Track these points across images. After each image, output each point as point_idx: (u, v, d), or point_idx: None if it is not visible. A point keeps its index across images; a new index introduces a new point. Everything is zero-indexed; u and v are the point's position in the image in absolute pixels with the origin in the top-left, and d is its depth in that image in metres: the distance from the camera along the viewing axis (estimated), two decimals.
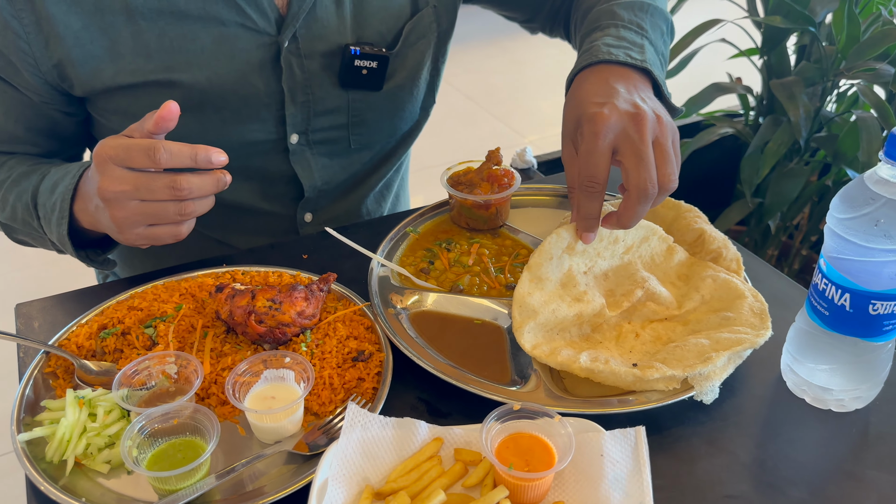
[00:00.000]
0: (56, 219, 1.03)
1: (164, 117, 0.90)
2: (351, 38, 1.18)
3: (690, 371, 0.88)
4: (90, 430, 0.84)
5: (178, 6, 1.06)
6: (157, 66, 1.08)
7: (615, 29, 1.08)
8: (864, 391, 0.91)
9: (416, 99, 1.30)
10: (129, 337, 0.96)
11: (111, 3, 1.04)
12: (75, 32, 1.04)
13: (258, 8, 1.10)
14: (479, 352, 0.97)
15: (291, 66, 1.14)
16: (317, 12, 1.13)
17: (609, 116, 0.90)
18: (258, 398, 0.86)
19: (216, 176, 0.93)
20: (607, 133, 0.90)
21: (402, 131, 1.33)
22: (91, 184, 0.96)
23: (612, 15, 1.11)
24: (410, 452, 0.81)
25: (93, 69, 1.07)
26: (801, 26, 1.96)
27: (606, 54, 1.01)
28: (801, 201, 2.18)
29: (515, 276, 1.10)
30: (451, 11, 1.28)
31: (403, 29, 1.21)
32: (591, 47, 1.05)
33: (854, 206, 0.82)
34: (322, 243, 1.18)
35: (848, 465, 0.85)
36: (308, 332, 0.96)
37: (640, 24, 1.10)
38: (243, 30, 1.10)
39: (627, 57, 1.01)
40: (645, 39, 1.08)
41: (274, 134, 1.20)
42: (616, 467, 0.79)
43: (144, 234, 0.96)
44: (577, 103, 0.96)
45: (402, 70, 1.24)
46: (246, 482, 0.82)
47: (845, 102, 2.13)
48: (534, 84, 4.70)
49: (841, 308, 0.86)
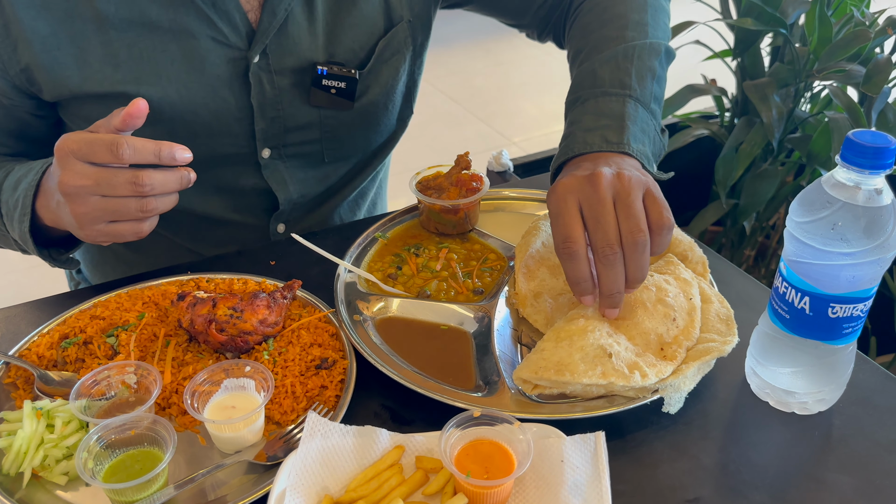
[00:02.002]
0: (18, 215, 1.02)
1: (132, 114, 0.89)
2: (322, 55, 1.17)
3: (661, 383, 0.88)
4: (48, 441, 0.83)
5: (150, 17, 1.05)
6: (126, 77, 1.07)
7: (594, 102, 1.04)
8: (828, 393, 0.91)
9: (391, 112, 1.29)
10: (90, 346, 0.95)
11: (82, 10, 1.03)
12: (43, 38, 1.03)
13: (230, 22, 1.09)
14: (444, 357, 0.97)
15: (261, 82, 1.14)
16: (288, 28, 1.12)
17: (567, 182, 0.90)
18: (218, 408, 0.85)
19: (180, 173, 0.92)
20: (566, 194, 0.89)
21: (377, 143, 1.33)
22: (53, 179, 0.95)
23: (594, 80, 1.07)
24: (371, 461, 0.81)
25: (60, 76, 1.06)
26: (772, 28, 1.98)
27: (583, 146, 0.99)
28: (777, 202, 2.19)
29: (483, 281, 1.10)
30: (426, 24, 1.27)
31: (377, 46, 1.20)
32: (569, 134, 1.03)
33: (812, 209, 0.82)
34: (290, 249, 1.18)
35: (810, 468, 0.85)
36: (271, 340, 0.95)
37: (622, 82, 1.05)
38: (214, 43, 1.09)
39: (603, 142, 0.99)
40: (628, 102, 1.03)
41: (245, 148, 1.19)
42: (576, 473, 0.78)
43: (105, 230, 0.94)
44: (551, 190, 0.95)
45: (376, 86, 1.23)
46: (207, 492, 0.81)
47: (818, 103, 2.15)
48: (518, 86, 4.71)
49: (801, 311, 0.86)
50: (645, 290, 0.96)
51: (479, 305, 1.04)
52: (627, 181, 0.88)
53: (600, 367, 0.87)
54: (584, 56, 1.13)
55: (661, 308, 0.95)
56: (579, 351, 0.89)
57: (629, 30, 1.12)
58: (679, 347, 0.92)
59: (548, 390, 0.89)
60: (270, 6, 1.09)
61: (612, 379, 0.86)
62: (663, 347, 0.92)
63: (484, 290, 1.08)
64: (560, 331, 0.93)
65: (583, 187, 0.88)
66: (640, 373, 0.87)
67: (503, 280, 1.10)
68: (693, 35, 2.16)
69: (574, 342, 0.90)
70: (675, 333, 0.93)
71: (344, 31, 1.17)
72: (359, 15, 1.17)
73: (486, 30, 2.01)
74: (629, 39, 1.10)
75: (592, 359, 0.88)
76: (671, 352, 0.91)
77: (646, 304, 0.95)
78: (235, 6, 1.08)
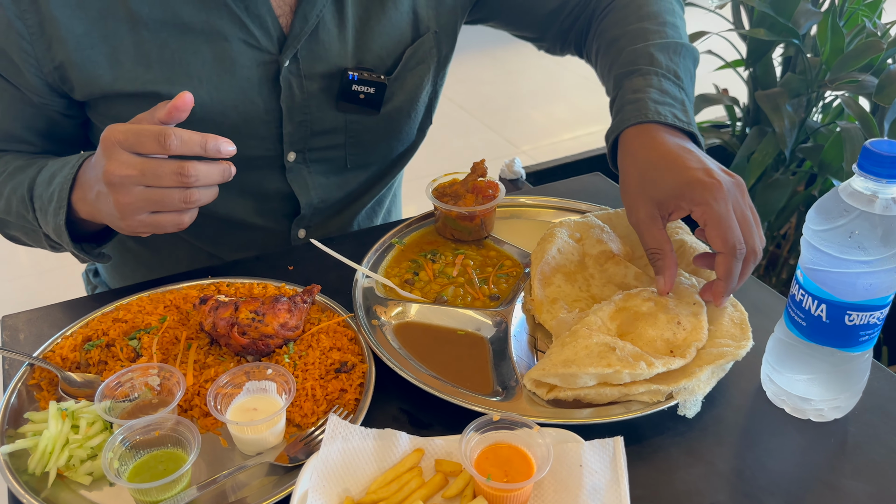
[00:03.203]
0: (53, 209, 1.02)
1: (178, 107, 0.90)
2: (351, 61, 1.18)
3: (675, 385, 0.89)
4: (73, 441, 0.84)
5: (182, 19, 1.07)
6: (158, 77, 1.08)
7: (656, 79, 1.06)
8: (843, 401, 0.92)
9: (413, 121, 1.30)
10: (113, 349, 0.97)
11: (116, 10, 1.05)
12: (77, 36, 1.04)
13: (262, 26, 1.10)
14: (461, 362, 0.98)
15: (291, 86, 1.15)
16: (319, 34, 1.14)
17: (724, 186, 0.92)
18: (240, 410, 0.86)
19: (223, 166, 0.93)
20: (728, 201, 0.92)
21: (398, 152, 1.34)
22: (94, 171, 0.96)
23: (651, 59, 1.09)
24: (391, 463, 0.82)
25: (92, 74, 1.07)
26: (785, 38, 1.99)
27: (655, 114, 1.01)
28: (788, 211, 2.19)
29: (499, 287, 1.11)
30: (452, 37, 1.29)
31: (404, 54, 1.22)
32: (636, 100, 1.04)
33: (829, 217, 0.83)
34: (307, 255, 1.19)
35: (826, 475, 0.86)
36: (291, 344, 0.96)
37: (676, 73, 1.08)
38: (245, 46, 1.11)
39: (675, 119, 1.01)
40: (682, 92, 1.07)
41: (271, 151, 1.20)
42: (594, 477, 0.79)
43: (147, 221, 0.95)
44: (669, 164, 0.96)
45: (401, 93, 1.24)
46: (228, 493, 0.82)
47: (830, 113, 2.16)
48: (526, 94, 4.72)
49: (818, 319, 0.87)
50: (644, 303, 0.97)
51: (495, 311, 1.05)
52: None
53: (605, 359, 0.88)
54: (626, 42, 1.14)
55: (664, 316, 0.96)
56: (584, 349, 0.90)
57: (668, 27, 1.15)
58: (688, 347, 0.93)
59: (563, 394, 0.90)
60: (302, 12, 1.11)
61: (618, 367, 0.87)
62: (673, 350, 0.93)
63: (500, 296, 1.09)
64: (566, 337, 0.94)
65: (735, 195, 0.93)
66: (644, 362, 0.88)
67: (519, 286, 1.11)
68: (705, 45, 2.17)
69: (579, 342, 0.92)
70: (684, 336, 0.94)
71: (373, 39, 1.19)
72: (388, 23, 1.19)
73: (495, 39, 2.02)
74: (668, 37, 1.13)
75: (597, 354, 0.89)
76: (680, 351, 0.92)
77: (646, 317, 0.96)
78: (268, 10, 1.10)
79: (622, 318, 0.97)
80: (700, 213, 0.92)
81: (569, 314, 1.01)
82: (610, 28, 1.21)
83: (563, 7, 1.29)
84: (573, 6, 1.29)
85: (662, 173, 0.95)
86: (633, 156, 1.00)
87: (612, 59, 1.15)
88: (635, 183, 0.98)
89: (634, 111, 1.02)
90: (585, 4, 1.29)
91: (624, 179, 1.01)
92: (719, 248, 0.92)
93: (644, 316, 0.96)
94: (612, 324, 0.96)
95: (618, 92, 1.09)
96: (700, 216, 0.92)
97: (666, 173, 0.95)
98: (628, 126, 1.02)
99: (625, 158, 1.01)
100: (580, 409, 0.89)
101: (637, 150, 1.00)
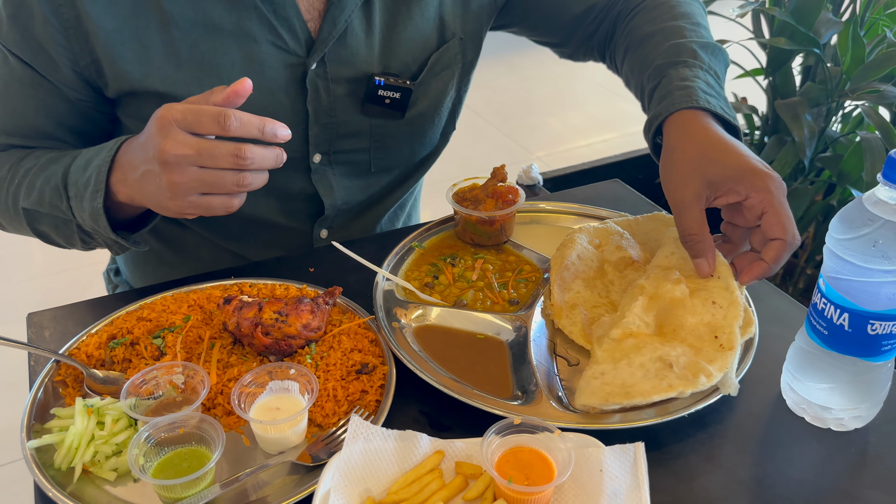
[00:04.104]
0: (90, 192, 1.01)
1: (238, 92, 0.90)
2: (377, 66, 1.20)
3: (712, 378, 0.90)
4: (98, 438, 0.85)
5: (213, 19, 1.08)
6: (187, 77, 1.10)
7: (703, 72, 1.07)
8: (864, 410, 0.91)
9: (437, 126, 1.31)
10: (137, 347, 0.98)
11: (148, 8, 1.06)
12: (108, 32, 1.05)
13: (290, 28, 1.12)
14: (481, 366, 0.98)
15: (317, 89, 1.17)
16: (347, 39, 1.16)
17: (780, 179, 0.94)
18: (263, 409, 0.87)
19: (276, 150, 0.93)
20: (784, 193, 0.94)
21: (421, 156, 1.35)
22: (142, 151, 0.95)
23: (695, 54, 1.09)
24: (412, 465, 0.82)
25: (122, 70, 1.08)
26: (805, 48, 1.98)
27: (706, 102, 1.01)
28: (806, 220, 2.19)
29: (519, 292, 1.11)
30: (477, 43, 1.30)
31: (429, 59, 1.23)
32: (686, 87, 1.03)
33: (853, 226, 0.83)
34: (328, 257, 1.20)
35: (846, 485, 0.86)
36: (313, 345, 0.97)
37: (716, 72, 1.09)
38: (274, 48, 1.12)
39: (723, 111, 1.02)
40: (721, 89, 1.08)
41: (297, 152, 1.21)
42: (615, 482, 0.79)
43: (197, 202, 0.94)
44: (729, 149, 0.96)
45: (425, 98, 1.25)
46: (249, 492, 0.83)
47: (850, 123, 2.15)
48: (542, 100, 4.73)
49: (840, 328, 0.87)
50: (675, 286, 0.98)
51: (515, 316, 1.06)
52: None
53: (665, 380, 0.89)
54: (662, 37, 1.14)
55: (697, 299, 0.96)
56: (640, 368, 0.90)
57: (701, 29, 1.16)
58: (731, 331, 0.93)
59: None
60: (331, 17, 1.12)
61: (681, 389, 0.88)
62: (717, 335, 0.93)
63: (519, 300, 1.10)
64: (613, 351, 0.94)
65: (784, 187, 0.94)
66: (704, 375, 0.89)
67: (538, 291, 1.11)
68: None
69: (632, 360, 0.91)
70: (723, 314, 0.95)
71: (399, 45, 1.20)
72: (414, 29, 1.20)
73: (511, 45, 2.03)
74: (703, 37, 1.13)
75: (655, 373, 0.89)
76: (727, 338, 0.92)
77: (681, 303, 0.96)
78: (296, 14, 1.11)
79: (657, 309, 0.97)
80: (760, 199, 0.92)
81: (607, 317, 1.00)
82: (641, 26, 1.21)
83: (588, 12, 1.30)
84: (598, 11, 1.30)
85: (724, 155, 0.96)
86: (689, 134, 1.00)
87: (647, 52, 1.15)
88: (692, 159, 0.97)
89: (685, 97, 1.02)
90: (609, 9, 1.30)
91: (674, 156, 1.00)
92: (778, 234, 0.92)
93: (679, 302, 0.97)
94: (649, 316, 0.96)
95: (660, 80, 1.08)
96: (759, 202, 0.92)
97: (727, 155, 0.95)
98: (680, 109, 1.02)
99: (679, 137, 1.00)
100: (599, 415, 0.90)
101: (694, 129, 1.00)
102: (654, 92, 1.09)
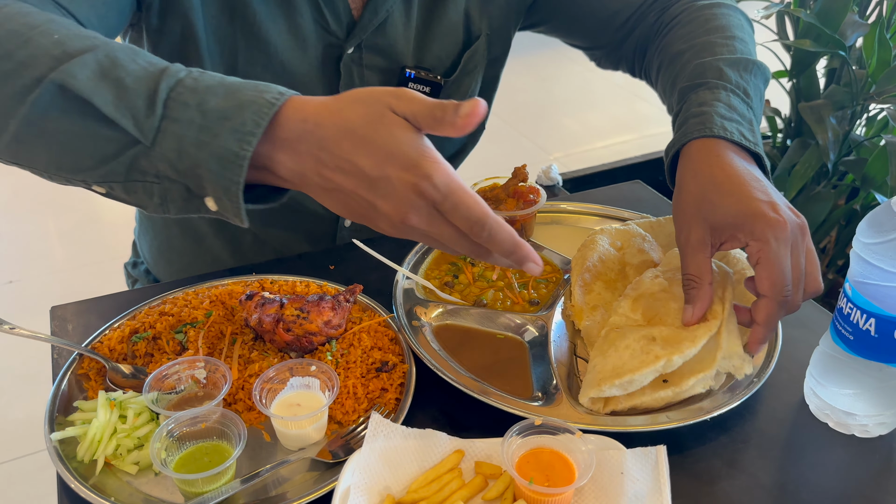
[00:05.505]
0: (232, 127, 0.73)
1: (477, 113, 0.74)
2: (411, 59, 1.20)
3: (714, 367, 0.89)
4: (120, 431, 0.86)
5: None
6: (236, 31, 1.09)
7: (725, 93, 1.01)
8: (889, 417, 0.90)
9: None
10: (159, 342, 0.98)
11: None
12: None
13: (333, 9, 1.13)
14: (501, 366, 0.98)
15: (351, 74, 1.17)
16: (386, 28, 1.16)
17: (787, 225, 0.86)
18: (284, 405, 0.87)
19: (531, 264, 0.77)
20: (788, 243, 0.85)
21: (449, 154, 1.35)
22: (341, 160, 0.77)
23: (720, 73, 1.03)
24: (432, 463, 0.82)
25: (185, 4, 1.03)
26: (830, 50, 1.96)
27: (721, 129, 0.95)
28: (829, 225, 2.16)
29: (539, 292, 1.11)
30: (505, 40, 1.30)
31: (462, 57, 1.23)
32: (702, 114, 0.98)
33: (881, 231, 0.82)
34: (349, 255, 1.20)
35: (870, 491, 0.85)
36: (334, 342, 0.97)
37: (746, 90, 1.03)
38: (317, 26, 1.13)
39: (742, 137, 0.95)
40: (751, 111, 1.01)
41: None
42: (636, 485, 0.79)
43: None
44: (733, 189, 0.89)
45: (457, 96, 1.25)
46: (269, 487, 0.83)
47: (875, 127, 2.12)
48: (560, 101, 4.71)
49: (866, 333, 0.85)
50: (653, 282, 0.98)
51: (535, 316, 1.05)
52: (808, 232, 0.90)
53: (651, 353, 0.88)
54: (691, 55, 1.10)
55: (677, 287, 0.95)
56: (626, 350, 0.90)
57: (736, 42, 1.10)
58: (716, 302, 0.91)
59: (620, 406, 0.89)
60: (373, 4, 1.13)
61: (666, 356, 0.87)
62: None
63: (539, 301, 1.09)
64: (601, 345, 0.94)
65: (796, 237, 0.87)
66: (688, 342, 0.88)
67: (559, 292, 1.11)
68: None
69: (619, 345, 0.91)
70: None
71: (433, 40, 1.21)
72: (448, 24, 1.21)
73: (529, 45, 2.02)
74: (737, 52, 1.08)
75: (640, 350, 0.89)
76: (711, 311, 0.91)
77: (664, 293, 0.96)
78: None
79: (643, 305, 0.97)
80: (755, 249, 0.85)
81: (592, 321, 1.01)
82: (674, 42, 1.16)
83: (617, 15, 1.28)
84: (628, 15, 1.28)
85: (725, 198, 0.89)
86: (694, 172, 0.94)
87: (676, 73, 1.11)
88: (693, 202, 0.92)
89: (699, 125, 0.97)
90: (643, 16, 1.27)
91: (680, 196, 0.95)
92: (765, 291, 0.85)
93: (661, 291, 0.97)
94: (636, 314, 0.96)
95: (682, 105, 1.04)
96: (754, 252, 0.86)
97: (729, 198, 0.88)
98: (691, 139, 0.96)
99: (685, 174, 0.95)
100: (623, 417, 0.89)
101: (700, 166, 0.94)
102: (676, 118, 1.05)
